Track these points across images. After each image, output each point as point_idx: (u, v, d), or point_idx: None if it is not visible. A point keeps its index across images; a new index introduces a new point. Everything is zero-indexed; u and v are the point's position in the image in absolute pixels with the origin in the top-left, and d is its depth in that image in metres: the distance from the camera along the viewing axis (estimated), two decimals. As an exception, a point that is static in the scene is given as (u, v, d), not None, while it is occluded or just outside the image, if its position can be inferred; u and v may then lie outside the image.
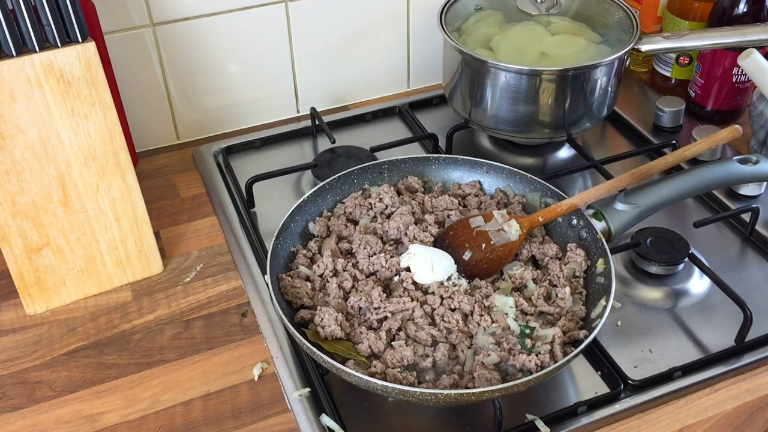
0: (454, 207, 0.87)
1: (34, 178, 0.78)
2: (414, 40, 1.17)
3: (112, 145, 0.80)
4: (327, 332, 0.71)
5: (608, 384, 0.74)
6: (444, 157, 0.92)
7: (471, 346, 0.71)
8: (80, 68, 0.75)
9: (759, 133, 1.01)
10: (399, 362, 0.69)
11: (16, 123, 0.75)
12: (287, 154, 1.08)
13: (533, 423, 0.69)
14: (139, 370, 0.77)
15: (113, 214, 0.83)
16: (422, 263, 0.77)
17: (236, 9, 1.04)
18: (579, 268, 0.78)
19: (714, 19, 1.07)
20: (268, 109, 1.15)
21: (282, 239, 0.80)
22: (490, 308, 0.74)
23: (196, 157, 1.08)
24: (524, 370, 0.68)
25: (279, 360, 0.77)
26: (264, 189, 0.98)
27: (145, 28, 1.01)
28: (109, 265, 0.85)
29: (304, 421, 0.71)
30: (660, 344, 0.78)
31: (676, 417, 0.72)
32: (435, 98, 1.17)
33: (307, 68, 1.13)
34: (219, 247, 0.93)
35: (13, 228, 0.79)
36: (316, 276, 0.79)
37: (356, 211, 0.86)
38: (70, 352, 0.80)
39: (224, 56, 1.07)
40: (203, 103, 1.10)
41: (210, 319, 0.83)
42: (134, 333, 0.82)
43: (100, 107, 0.78)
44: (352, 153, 1.03)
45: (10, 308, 0.85)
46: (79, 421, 0.73)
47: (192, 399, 0.74)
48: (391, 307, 0.73)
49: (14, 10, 0.71)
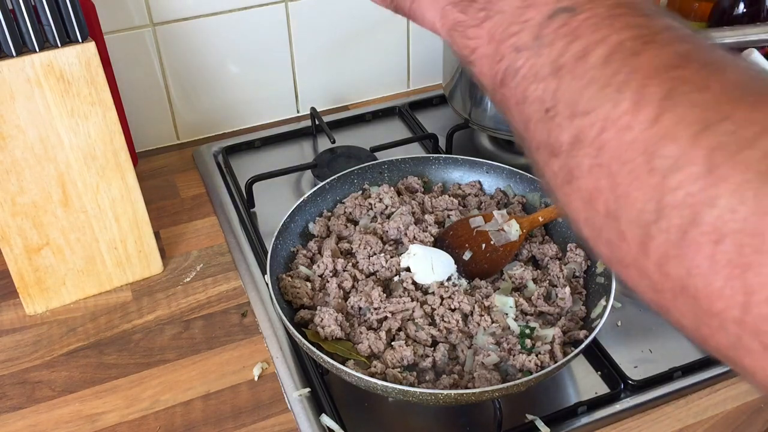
0: (454, 207, 0.87)
1: (34, 178, 0.78)
2: (414, 40, 1.17)
3: (112, 145, 0.80)
4: (327, 332, 0.71)
5: (608, 384, 0.74)
6: (444, 157, 0.92)
7: (471, 346, 0.71)
8: (80, 68, 0.75)
9: (759, 133, 1.01)
10: (399, 362, 0.69)
11: (16, 123, 0.75)
12: (287, 154, 1.08)
13: (533, 423, 0.69)
14: (139, 370, 0.77)
15: (113, 214, 0.83)
16: (422, 263, 0.77)
17: (236, 9, 1.04)
18: (579, 268, 0.78)
19: (714, 20, 1.07)
20: (268, 109, 1.15)
21: (282, 239, 0.80)
22: (490, 308, 0.74)
23: (196, 157, 1.08)
24: (524, 370, 0.68)
25: (279, 360, 0.77)
26: (264, 189, 0.98)
27: (145, 28, 1.01)
28: (109, 265, 0.85)
29: (304, 421, 0.71)
30: (660, 344, 0.78)
31: (676, 417, 0.72)
32: (435, 98, 1.17)
33: (307, 68, 1.13)
34: (219, 247, 0.93)
35: (13, 228, 0.79)
36: (316, 276, 0.79)
37: (356, 211, 0.86)
38: (70, 352, 0.80)
39: (224, 56, 1.07)
40: (203, 103, 1.10)
41: (210, 319, 0.83)
42: (134, 333, 0.82)
43: (100, 107, 0.78)
44: (352, 153, 1.03)
45: (10, 308, 0.85)
46: (79, 421, 0.73)
47: (192, 399, 0.74)
48: (391, 307, 0.73)
49: (14, 10, 0.71)
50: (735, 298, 0.26)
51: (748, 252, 0.25)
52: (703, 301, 0.27)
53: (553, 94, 0.31)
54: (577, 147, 0.30)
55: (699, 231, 0.26)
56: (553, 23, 0.32)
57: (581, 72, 0.30)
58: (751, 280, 0.25)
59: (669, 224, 0.27)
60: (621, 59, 0.29)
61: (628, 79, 0.29)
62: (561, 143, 0.31)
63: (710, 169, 0.26)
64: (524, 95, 0.32)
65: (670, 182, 0.27)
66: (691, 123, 0.27)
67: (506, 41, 0.33)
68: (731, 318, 0.26)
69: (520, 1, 0.33)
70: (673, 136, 0.27)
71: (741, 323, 0.26)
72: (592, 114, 0.29)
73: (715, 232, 0.26)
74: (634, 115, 0.28)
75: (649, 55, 0.29)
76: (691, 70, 0.28)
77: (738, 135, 0.26)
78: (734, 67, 0.28)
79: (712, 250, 0.26)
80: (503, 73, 0.34)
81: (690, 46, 0.29)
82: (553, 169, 0.32)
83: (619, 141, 0.28)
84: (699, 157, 0.26)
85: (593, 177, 0.29)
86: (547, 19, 0.32)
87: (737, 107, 0.26)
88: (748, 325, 0.26)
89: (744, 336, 0.26)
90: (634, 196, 0.28)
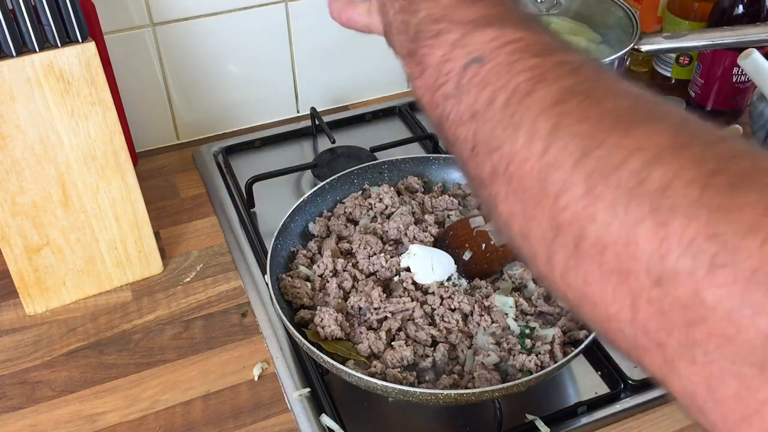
0: (454, 207, 0.87)
1: (34, 178, 0.78)
2: (414, 40, 1.17)
3: (112, 145, 0.80)
4: (327, 332, 0.71)
5: (608, 384, 0.74)
6: (444, 157, 0.92)
7: (471, 346, 0.71)
8: (80, 68, 0.75)
9: (759, 133, 1.01)
10: (399, 362, 0.69)
11: (16, 123, 0.75)
12: (287, 154, 1.08)
13: (533, 423, 0.69)
14: (139, 370, 0.77)
15: (113, 214, 0.83)
16: (422, 263, 0.77)
17: (236, 9, 1.04)
18: (579, 268, 0.78)
19: (714, 19, 1.07)
20: (268, 109, 1.15)
21: (282, 239, 0.80)
22: (490, 308, 0.74)
23: (196, 157, 1.08)
24: (524, 370, 0.68)
25: (279, 360, 0.77)
26: (264, 189, 0.98)
27: (145, 28, 1.01)
28: (109, 265, 0.85)
29: (304, 421, 0.71)
30: (660, 344, 0.78)
31: (676, 417, 0.72)
32: (435, 98, 1.17)
33: (307, 68, 1.13)
34: (219, 247, 0.93)
35: (13, 228, 0.79)
36: (316, 276, 0.79)
37: (356, 211, 0.86)
38: (70, 352, 0.80)
39: (224, 56, 1.07)
40: (203, 103, 1.10)
41: (210, 319, 0.83)
42: (134, 333, 0.82)
43: (100, 107, 0.78)
44: (352, 153, 1.03)
45: (10, 308, 0.85)
46: (79, 421, 0.73)
47: (192, 399, 0.74)
48: (391, 307, 0.73)
49: (14, 10, 0.71)
50: (624, 302, 0.29)
51: (626, 260, 0.28)
52: (600, 307, 0.30)
53: (474, 135, 0.36)
54: (494, 178, 0.35)
55: (587, 244, 0.30)
56: (468, 73, 0.37)
57: (490, 116, 0.35)
58: (633, 285, 0.28)
59: (564, 240, 0.31)
60: (517, 101, 0.34)
61: (522, 119, 0.33)
62: (484, 176, 0.36)
63: (589, 189, 0.30)
64: (455, 137, 0.38)
65: (560, 203, 0.31)
66: (572, 152, 0.31)
67: (437, 91, 0.39)
68: (625, 320, 0.29)
69: (442, 55, 0.38)
70: (559, 164, 0.31)
71: (633, 323, 0.29)
72: (500, 150, 0.34)
73: (598, 244, 0.29)
74: (529, 149, 0.33)
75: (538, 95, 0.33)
76: (573, 104, 0.32)
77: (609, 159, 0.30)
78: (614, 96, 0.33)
79: (600, 260, 0.30)
80: (438, 118, 0.39)
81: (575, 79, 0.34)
82: (483, 197, 0.37)
83: (521, 171, 0.33)
84: (579, 181, 0.30)
85: (509, 203, 0.34)
86: (463, 69, 0.37)
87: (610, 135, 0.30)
88: (639, 325, 0.29)
89: (638, 336, 0.29)
90: (538, 218, 0.32)
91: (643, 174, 0.28)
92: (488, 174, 0.35)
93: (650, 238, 0.28)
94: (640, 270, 0.28)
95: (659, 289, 0.27)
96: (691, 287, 0.26)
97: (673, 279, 0.27)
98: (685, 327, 0.27)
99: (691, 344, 0.27)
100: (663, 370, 0.29)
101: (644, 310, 0.28)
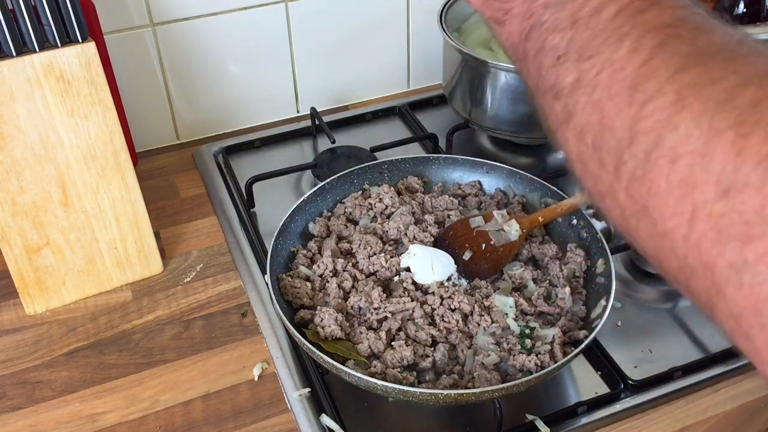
0: (454, 207, 0.87)
1: (34, 178, 0.78)
2: (414, 40, 1.17)
3: (112, 145, 0.80)
4: (327, 332, 0.71)
5: (608, 384, 0.74)
6: (444, 157, 0.92)
7: (471, 346, 0.71)
8: (80, 68, 0.75)
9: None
10: (399, 362, 0.69)
11: (16, 123, 0.75)
12: (287, 154, 1.08)
13: (533, 423, 0.69)
14: (139, 370, 0.77)
15: (113, 214, 0.83)
16: (422, 263, 0.77)
17: (236, 9, 1.04)
18: (579, 268, 0.78)
19: (714, 19, 1.07)
20: (268, 109, 1.15)
21: (282, 239, 0.80)
22: (490, 308, 0.74)
23: (196, 157, 1.08)
24: (524, 370, 0.68)
25: (279, 360, 0.77)
26: (264, 189, 0.98)
27: (145, 28, 1.01)
28: (109, 265, 0.85)
29: (304, 421, 0.71)
30: (660, 344, 0.78)
31: (676, 417, 0.72)
32: (435, 98, 1.17)
33: (307, 68, 1.13)
34: (219, 247, 0.93)
35: (13, 228, 0.79)
36: (316, 276, 0.79)
37: (356, 211, 0.86)
38: (70, 352, 0.80)
39: (224, 56, 1.07)
40: (203, 103, 1.10)
41: (210, 319, 0.83)
42: (134, 333, 0.82)
43: (100, 107, 0.78)
44: (352, 153, 1.03)
45: (10, 308, 0.85)
46: (79, 421, 0.73)
47: (192, 399, 0.74)
48: (391, 307, 0.73)
49: (14, 10, 0.71)
50: (684, 216, 0.30)
51: (697, 171, 0.29)
52: (659, 221, 0.31)
53: (567, 42, 0.36)
54: (577, 87, 0.35)
55: (659, 153, 0.31)
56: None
57: (593, 24, 0.35)
58: (697, 198, 0.29)
59: (637, 148, 0.32)
60: (627, 15, 0.34)
61: (630, 32, 0.34)
62: (564, 86, 0.36)
63: (679, 99, 0.31)
64: (543, 45, 0.38)
65: (644, 111, 0.32)
66: (671, 66, 0.32)
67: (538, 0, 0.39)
68: (680, 236, 0.30)
69: None
70: (656, 75, 0.32)
71: (687, 241, 0.30)
72: (595, 58, 0.34)
73: (672, 152, 0.30)
74: (629, 59, 0.33)
75: (651, 14, 0.34)
76: (683, 29, 0.33)
77: (707, 76, 0.31)
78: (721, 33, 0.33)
79: (669, 170, 0.30)
80: (530, 27, 0.39)
81: (688, 12, 0.34)
82: (556, 111, 0.37)
83: (611, 79, 0.33)
84: (672, 91, 0.31)
85: (586, 113, 0.35)
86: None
87: (713, 59, 0.31)
88: (692, 243, 0.29)
89: (689, 255, 0.30)
90: (615, 126, 0.33)
91: (735, 91, 0.29)
92: (570, 83, 0.35)
93: (728, 149, 0.28)
94: (709, 182, 0.28)
95: (724, 202, 0.28)
96: (758, 201, 0.27)
97: (742, 191, 0.27)
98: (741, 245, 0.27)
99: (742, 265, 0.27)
100: (710, 292, 0.29)
101: (702, 226, 0.29)
